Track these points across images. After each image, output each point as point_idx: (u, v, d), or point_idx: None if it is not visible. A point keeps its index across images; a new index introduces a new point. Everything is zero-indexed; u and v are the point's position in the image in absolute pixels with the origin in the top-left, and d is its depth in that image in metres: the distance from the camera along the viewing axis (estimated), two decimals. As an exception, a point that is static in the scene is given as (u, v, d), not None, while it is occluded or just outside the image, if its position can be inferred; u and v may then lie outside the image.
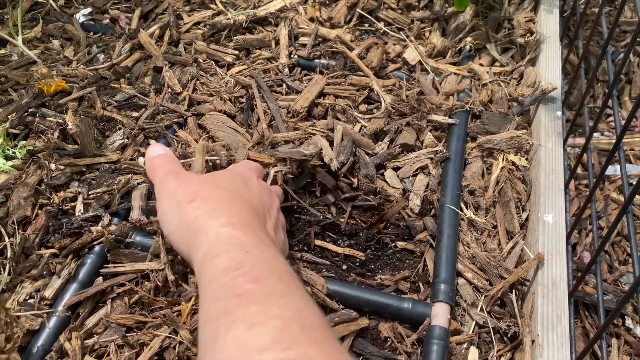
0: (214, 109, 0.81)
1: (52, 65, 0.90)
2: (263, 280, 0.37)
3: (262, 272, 0.38)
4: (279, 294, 0.36)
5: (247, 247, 0.41)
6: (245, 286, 0.36)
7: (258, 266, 0.39)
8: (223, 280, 0.38)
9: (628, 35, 1.15)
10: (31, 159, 0.75)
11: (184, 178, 0.52)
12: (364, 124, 0.78)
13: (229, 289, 0.37)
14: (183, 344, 0.59)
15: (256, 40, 0.92)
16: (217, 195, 0.48)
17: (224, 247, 0.41)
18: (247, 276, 0.37)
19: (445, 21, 0.94)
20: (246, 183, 0.53)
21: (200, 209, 0.46)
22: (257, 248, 0.41)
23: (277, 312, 0.35)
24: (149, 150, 0.58)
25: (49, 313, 0.61)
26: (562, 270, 0.62)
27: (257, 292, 0.36)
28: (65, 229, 0.67)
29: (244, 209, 0.47)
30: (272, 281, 0.38)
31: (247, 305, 0.35)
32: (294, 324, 0.34)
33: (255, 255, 0.40)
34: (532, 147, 0.76)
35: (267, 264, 0.40)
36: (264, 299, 0.36)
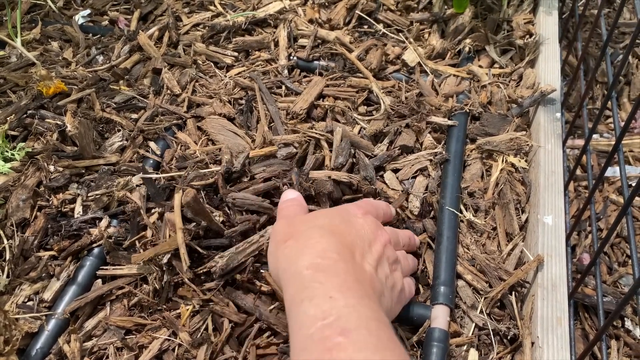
0: (214, 111, 0.81)
1: (51, 67, 0.90)
2: (351, 332, 0.36)
3: (349, 323, 0.37)
4: (371, 350, 0.35)
5: (330, 292, 0.40)
6: (335, 339, 0.36)
7: (344, 315, 0.38)
8: (311, 330, 0.37)
9: (627, 37, 1.15)
10: (30, 161, 0.75)
11: (290, 220, 0.52)
12: (363, 126, 0.78)
13: (319, 342, 0.36)
14: (182, 347, 0.59)
15: (255, 42, 0.92)
16: (309, 234, 0.48)
17: (308, 293, 0.40)
18: (335, 327, 0.37)
19: (445, 23, 0.94)
20: (347, 219, 0.52)
21: (290, 248, 0.46)
22: (341, 293, 0.40)
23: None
24: (283, 195, 0.61)
25: (48, 315, 0.61)
26: (562, 271, 0.61)
27: (348, 346, 0.35)
28: (64, 231, 0.67)
29: (331, 246, 0.46)
30: (361, 333, 0.36)
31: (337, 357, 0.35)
32: None
33: (340, 301, 0.39)
34: (531, 149, 0.76)
35: (353, 311, 0.38)
36: (356, 354, 0.35)
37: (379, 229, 0.55)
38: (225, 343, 0.59)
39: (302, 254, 0.45)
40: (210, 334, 0.60)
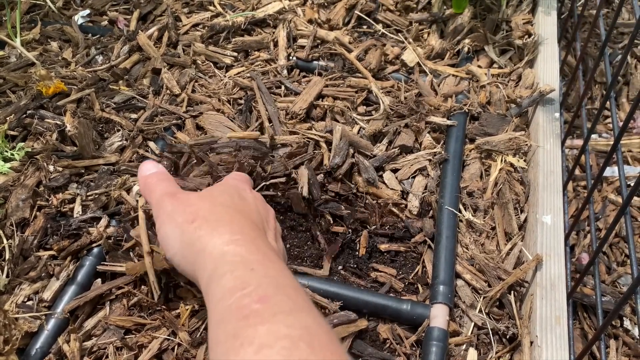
0: (213, 110, 0.81)
1: (51, 67, 0.90)
2: (269, 298, 0.37)
3: (268, 291, 0.37)
4: (286, 312, 0.36)
5: (252, 265, 0.40)
6: (252, 306, 0.36)
7: (264, 284, 0.38)
8: (230, 301, 0.37)
9: (625, 37, 1.16)
10: (29, 161, 0.75)
11: (182, 198, 0.50)
12: (362, 126, 0.78)
13: (236, 310, 0.36)
14: (182, 346, 0.59)
15: (255, 42, 0.92)
16: (217, 213, 0.48)
17: (229, 267, 0.40)
18: (254, 296, 0.37)
19: (444, 23, 0.94)
20: (242, 196, 0.52)
21: (202, 228, 0.45)
22: (262, 264, 0.41)
23: (285, 332, 0.34)
24: (141, 168, 0.56)
25: (48, 315, 0.61)
26: (561, 271, 0.62)
27: (264, 312, 0.36)
28: (64, 230, 0.67)
29: (245, 224, 0.47)
30: (278, 298, 0.37)
31: (254, 326, 0.35)
32: (302, 343, 0.34)
33: (260, 272, 0.40)
34: (530, 149, 0.76)
35: (273, 281, 0.39)
36: (271, 318, 0.35)
37: (265, 203, 0.55)
38: (224, 342, 0.59)
39: (219, 232, 0.44)
40: (210, 333, 0.60)
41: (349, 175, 0.73)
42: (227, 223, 0.46)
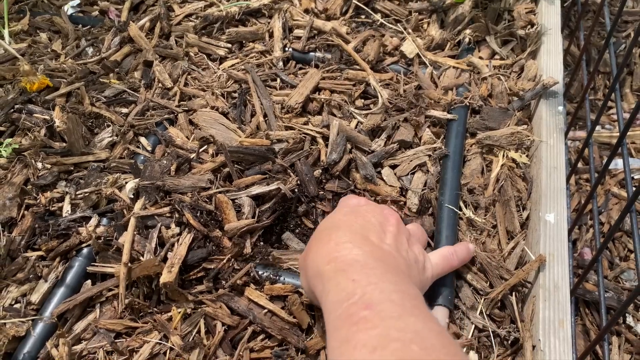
0: (206, 104, 0.78)
1: (40, 59, 0.88)
2: (375, 305, 0.38)
3: (373, 298, 0.39)
4: (395, 317, 0.37)
5: (353, 276, 0.42)
6: (360, 313, 0.38)
7: (368, 292, 0.40)
8: (339, 311, 0.40)
9: (630, 26, 1.13)
10: (17, 158, 0.73)
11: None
12: (360, 120, 0.76)
13: (346, 319, 0.38)
14: (174, 350, 0.57)
15: (249, 33, 0.89)
16: (319, 238, 0.51)
17: (333, 283, 0.43)
18: (360, 304, 0.39)
19: (444, 12, 0.91)
20: (350, 211, 0.55)
21: (310, 258, 0.49)
22: (363, 274, 0.43)
23: (396, 335, 0.36)
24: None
25: (35, 319, 0.60)
26: (565, 272, 0.60)
27: (373, 317, 0.37)
28: (52, 230, 0.65)
29: (344, 237, 0.48)
30: (385, 305, 0.39)
31: (365, 330, 0.37)
32: (414, 345, 0.35)
33: (363, 282, 0.41)
34: (533, 144, 0.74)
35: (376, 287, 0.41)
36: (381, 323, 0.37)
37: (386, 209, 0.57)
38: (218, 346, 0.58)
39: (319, 255, 0.48)
40: (203, 337, 0.58)
41: (347, 171, 0.71)
42: (326, 243, 0.49)
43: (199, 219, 0.63)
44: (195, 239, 0.63)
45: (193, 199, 0.64)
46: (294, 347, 0.57)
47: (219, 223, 0.64)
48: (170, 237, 0.63)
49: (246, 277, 0.60)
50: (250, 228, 0.63)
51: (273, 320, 0.58)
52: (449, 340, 0.38)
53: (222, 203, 0.64)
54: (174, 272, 0.58)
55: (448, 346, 0.37)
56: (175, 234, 0.63)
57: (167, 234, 0.63)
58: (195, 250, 0.62)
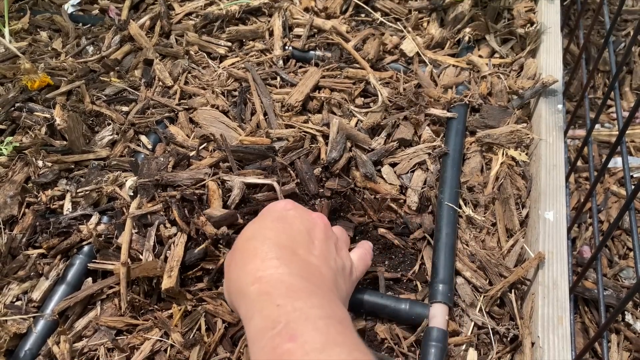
0: (206, 103, 0.79)
1: (40, 58, 0.88)
2: (299, 336, 0.37)
3: (297, 327, 0.38)
4: (318, 350, 0.36)
5: (278, 300, 0.40)
6: (285, 346, 0.37)
7: (292, 320, 0.38)
8: (262, 342, 0.38)
9: (629, 24, 1.13)
10: (18, 156, 0.73)
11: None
12: (360, 118, 0.76)
13: (270, 351, 0.37)
14: (175, 348, 0.57)
15: (249, 32, 0.90)
16: (244, 249, 0.47)
17: (257, 307, 0.41)
18: (284, 335, 0.37)
19: (444, 11, 0.92)
20: (278, 217, 0.51)
21: (233, 270, 0.47)
22: (288, 298, 0.40)
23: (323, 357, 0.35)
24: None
25: (37, 316, 0.60)
26: (563, 269, 0.60)
27: (297, 350, 0.36)
28: (53, 228, 0.65)
29: (270, 253, 0.45)
30: (309, 335, 0.37)
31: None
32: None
33: (288, 307, 0.39)
34: (532, 142, 0.74)
35: (301, 314, 0.39)
36: (304, 357, 0.36)
37: (313, 213, 0.54)
38: (218, 344, 0.58)
39: (244, 272, 0.44)
40: (203, 334, 0.58)
41: (347, 169, 0.71)
42: (251, 259, 0.45)
43: (184, 214, 0.63)
44: (190, 237, 0.63)
45: (184, 190, 0.64)
46: (294, 344, 0.57)
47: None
48: (168, 236, 0.63)
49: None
50: (229, 218, 0.63)
51: (273, 317, 0.58)
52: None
53: (210, 190, 0.64)
54: (174, 276, 0.58)
55: None
56: (172, 234, 0.63)
57: (165, 232, 0.63)
58: (193, 250, 0.62)
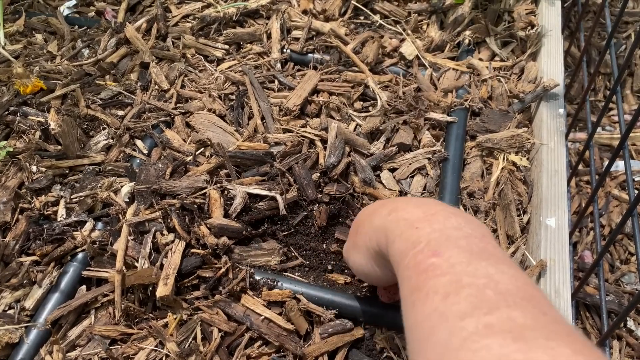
0: (203, 107, 0.78)
1: (35, 61, 0.87)
2: (443, 252, 0.37)
3: (440, 245, 0.38)
4: (465, 263, 0.36)
5: (416, 224, 0.41)
6: (428, 261, 0.37)
7: (433, 239, 0.38)
8: (406, 261, 0.38)
9: (630, 27, 1.12)
10: (11, 161, 0.72)
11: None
12: (359, 123, 0.75)
13: (413, 267, 0.37)
14: (170, 357, 0.56)
15: (247, 34, 0.89)
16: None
17: (396, 232, 0.42)
18: (426, 252, 0.37)
19: (444, 14, 0.91)
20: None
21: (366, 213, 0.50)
22: (426, 221, 0.41)
23: (468, 281, 0.34)
24: None
25: (29, 325, 0.59)
26: (566, 277, 0.59)
27: (442, 264, 0.36)
28: (47, 235, 0.64)
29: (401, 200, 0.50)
30: (453, 251, 0.37)
31: (435, 277, 0.35)
32: (488, 290, 0.33)
33: (426, 229, 0.40)
34: (533, 147, 0.73)
35: (441, 234, 0.39)
36: (450, 269, 0.35)
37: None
38: (214, 353, 0.57)
39: (379, 211, 0.47)
40: (199, 343, 0.57)
41: (345, 175, 0.70)
42: (382, 205, 0.48)
43: (184, 223, 0.62)
44: (188, 245, 0.62)
45: (184, 199, 0.63)
46: (291, 354, 0.56)
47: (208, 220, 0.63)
48: (164, 244, 0.62)
49: (243, 283, 0.59)
50: (229, 229, 0.62)
51: (270, 326, 0.57)
52: (524, 281, 0.35)
53: (212, 199, 0.63)
54: (170, 284, 0.58)
55: (524, 289, 0.34)
56: (169, 241, 0.62)
57: (162, 240, 0.62)
58: (190, 258, 0.61)
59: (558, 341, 0.29)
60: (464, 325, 0.31)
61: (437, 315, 0.33)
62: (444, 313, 0.32)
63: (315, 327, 0.58)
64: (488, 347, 0.29)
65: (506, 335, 0.29)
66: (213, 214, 0.63)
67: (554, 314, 0.33)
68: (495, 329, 0.30)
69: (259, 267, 0.63)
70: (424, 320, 0.34)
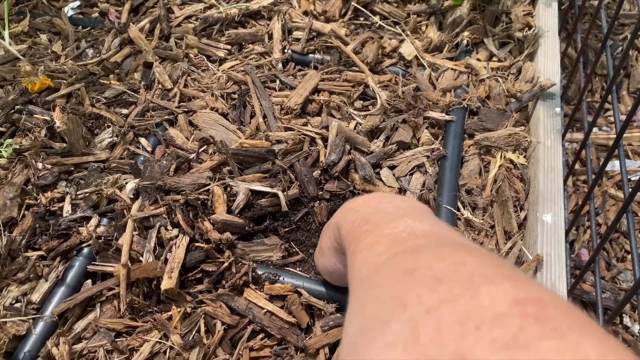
0: (206, 106, 0.79)
1: (40, 61, 0.88)
2: (372, 220, 0.42)
3: (370, 215, 0.44)
4: (388, 220, 0.41)
5: (356, 208, 0.47)
6: (361, 229, 0.42)
7: (367, 214, 0.44)
8: (349, 238, 0.44)
9: (626, 28, 1.14)
10: (17, 158, 0.73)
11: None
12: (359, 121, 0.77)
13: (352, 239, 0.43)
14: (174, 349, 0.57)
15: (249, 35, 0.90)
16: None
17: (342, 220, 0.47)
18: (360, 223, 0.43)
19: (442, 15, 0.92)
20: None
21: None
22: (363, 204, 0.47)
23: (388, 232, 0.39)
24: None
25: (36, 318, 0.60)
26: (562, 271, 0.60)
27: (370, 228, 0.41)
28: (53, 230, 0.66)
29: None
30: (380, 216, 0.43)
31: (365, 239, 0.40)
32: (404, 234, 0.38)
33: (363, 210, 0.46)
34: (530, 145, 0.74)
35: (374, 209, 0.45)
36: (376, 229, 0.40)
37: None
38: (218, 345, 0.58)
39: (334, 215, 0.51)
40: (203, 336, 0.58)
41: (346, 172, 0.71)
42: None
43: (188, 218, 0.63)
44: (192, 240, 0.63)
45: (188, 195, 0.64)
46: (293, 346, 0.57)
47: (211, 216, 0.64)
48: (169, 238, 0.63)
49: (246, 277, 0.61)
50: (232, 224, 0.64)
51: (272, 319, 0.59)
52: (444, 230, 0.40)
53: (215, 195, 0.65)
54: (174, 278, 0.59)
55: (445, 236, 0.38)
56: (173, 236, 0.63)
57: (166, 235, 0.63)
58: (193, 252, 0.62)
59: (448, 247, 0.34)
60: (379, 260, 0.35)
61: (362, 262, 0.38)
62: (367, 258, 0.37)
63: (317, 320, 0.59)
64: (396, 264, 0.33)
65: (408, 255, 0.34)
66: (216, 210, 0.64)
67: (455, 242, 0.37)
68: (401, 254, 0.35)
69: (261, 262, 0.64)
70: (355, 274, 0.38)
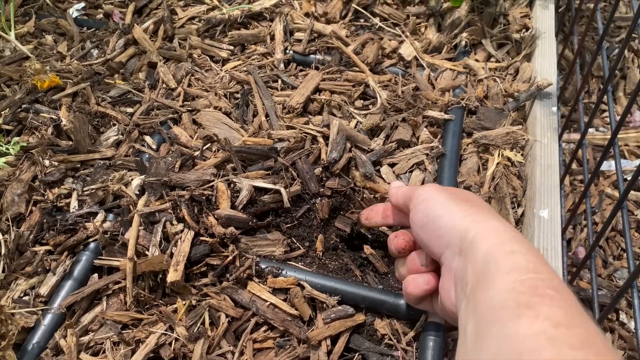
0: (209, 105, 0.80)
1: (46, 61, 0.89)
2: (561, 291, 0.38)
3: (558, 286, 0.39)
4: (579, 310, 0.37)
5: (538, 255, 0.42)
6: (547, 290, 0.38)
7: (554, 279, 0.40)
8: (523, 277, 0.39)
9: (622, 31, 1.16)
10: (25, 156, 0.74)
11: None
12: (359, 120, 0.78)
13: (530, 288, 0.38)
14: (179, 341, 0.58)
15: (251, 36, 0.92)
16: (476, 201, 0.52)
17: (518, 247, 0.42)
18: (548, 283, 0.38)
19: (441, 16, 0.94)
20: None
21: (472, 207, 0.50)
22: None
23: (580, 322, 0.35)
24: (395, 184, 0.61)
25: (44, 310, 0.61)
26: (558, 265, 0.62)
27: (559, 299, 0.37)
28: (60, 225, 0.67)
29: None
30: (568, 296, 0.38)
31: (551, 306, 0.36)
32: (598, 339, 0.35)
33: (548, 268, 0.41)
34: (527, 143, 0.76)
35: (557, 279, 0.40)
36: (567, 307, 0.37)
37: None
38: (222, 337, 0.59)
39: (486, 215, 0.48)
40: (207, 328, 0.60)
41: (346, 169, 0.72)
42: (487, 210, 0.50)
43: (193, 213, 0.65)
44: (197, 234, 0.64)
45: (193, 191, 0.66)
46: (295, 338, 0.59)
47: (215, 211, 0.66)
48: (174, 233, 0.64)
49: (249, 271, 0.62)
50: (236, 219, 0.65)
51: (275, 312, 0.60)
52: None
53: (219, 191, 0.66)
54: (180, 270, 0.60)
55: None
56: (179, 230, 0.65)
57: (172, 229, 0.65)
58: (198, 246, 0.64)
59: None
60: (575, 355, 0.33)
61: (545, 338, 0.34)
62: (553, 339, 0.34)
63: (319, 312, 0.60)
64: None
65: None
66: (220, 206, 0.65)
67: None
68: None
69: (264, 256, 0.66)
70: (527, 337, 0.35)
